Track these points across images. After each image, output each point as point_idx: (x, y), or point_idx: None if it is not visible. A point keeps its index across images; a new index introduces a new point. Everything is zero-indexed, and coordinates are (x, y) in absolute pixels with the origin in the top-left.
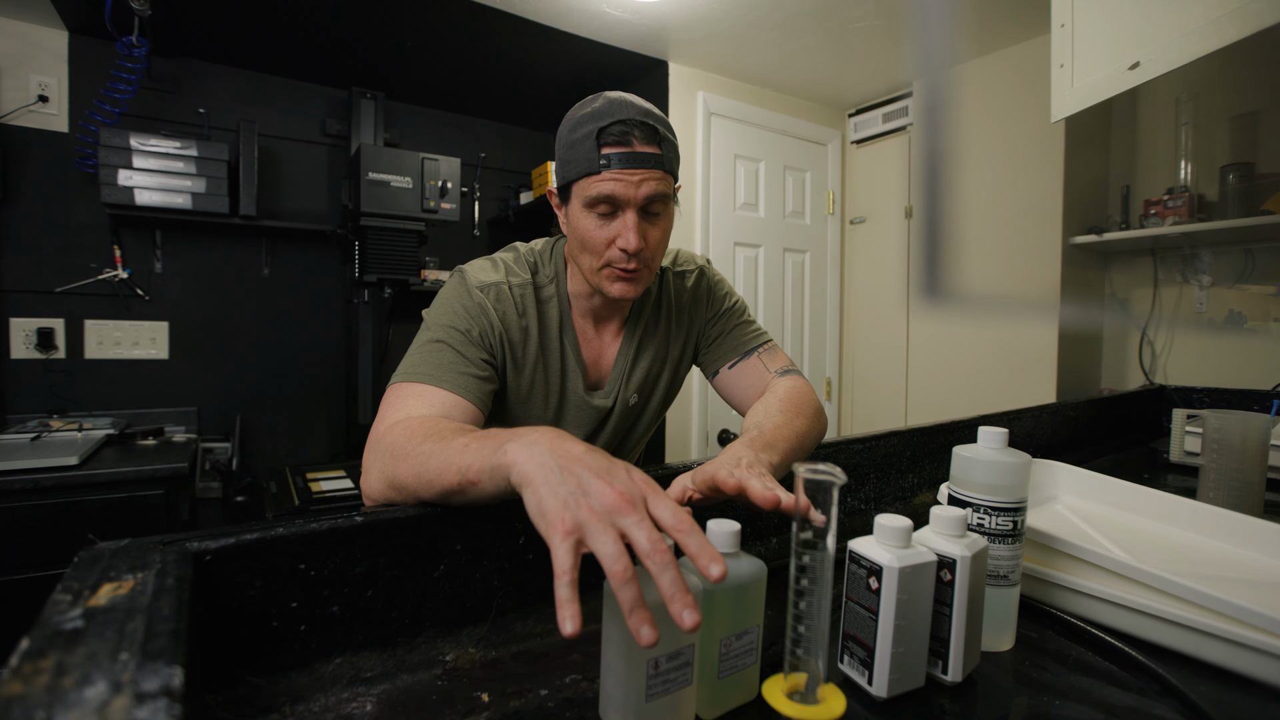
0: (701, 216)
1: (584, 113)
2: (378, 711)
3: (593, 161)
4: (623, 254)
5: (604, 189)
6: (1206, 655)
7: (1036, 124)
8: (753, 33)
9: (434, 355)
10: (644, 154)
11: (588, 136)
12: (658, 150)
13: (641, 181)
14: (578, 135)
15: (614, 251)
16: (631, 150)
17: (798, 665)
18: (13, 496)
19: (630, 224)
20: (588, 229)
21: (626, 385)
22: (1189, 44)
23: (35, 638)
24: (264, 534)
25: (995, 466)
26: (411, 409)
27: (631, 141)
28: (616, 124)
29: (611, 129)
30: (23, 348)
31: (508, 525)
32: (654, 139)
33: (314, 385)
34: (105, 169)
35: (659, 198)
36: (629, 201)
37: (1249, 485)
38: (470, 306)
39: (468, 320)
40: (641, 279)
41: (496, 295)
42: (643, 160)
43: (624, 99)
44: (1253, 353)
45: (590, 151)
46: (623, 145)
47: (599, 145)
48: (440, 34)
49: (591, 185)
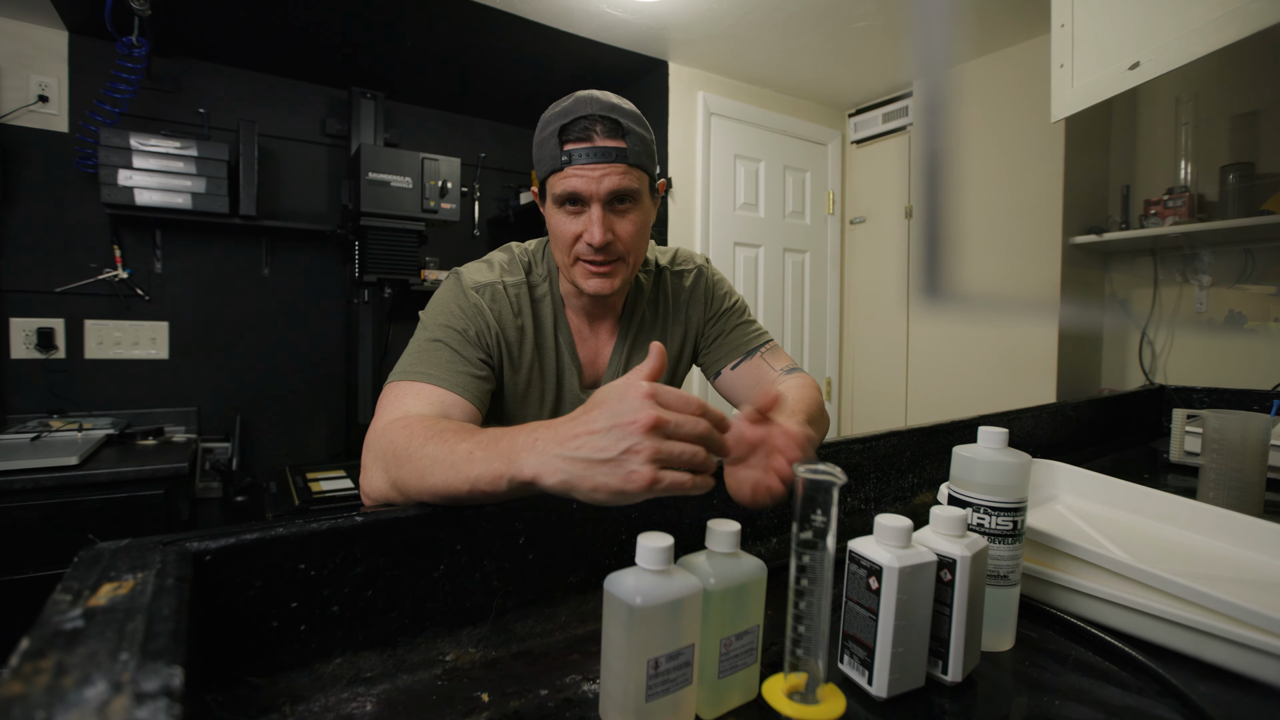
0: (701, 216)
1: (552, 112)
2: (378, 711)
3: (556, 159)
4: (589, 248)
5: (568, 185)
6: (1206, 655)
7: (1036, 124)
8: (753, 33)
9: (432, 354)
10: (606, 148)
11: (552, 135)
12: (621, 144)
13: (603, 176)
14: (544, 134)
15: (581, 246)
16: (592, 145)
17: (798, 665)
18: (13, 496)
19: (595, 218)
20: (558, 225)
21: None
22: (1189, 44)
23: (35, 638)
24: (264, 534)
25: (995, 466)
26: (410, 407)
27: (592, 137)
28: (578, 120)
29: (573, 125)
30: (23, 348)
31: (508, 525)
32: (617, 133)
33: (314, 385)
34: (105, 169)
35: (624, 192)
36: (592, 196)
37: (1249, 485)
38: (466, 307)
39: (464, 320)
40: (618, 273)
41: (492, 295)
42: (604, 154)
43: (590, 95)
44: (1253, 353)
45: (555, 149)
46: (583, 141)
47: (561, 142)
48: (440, 34)
49: (557, 182)
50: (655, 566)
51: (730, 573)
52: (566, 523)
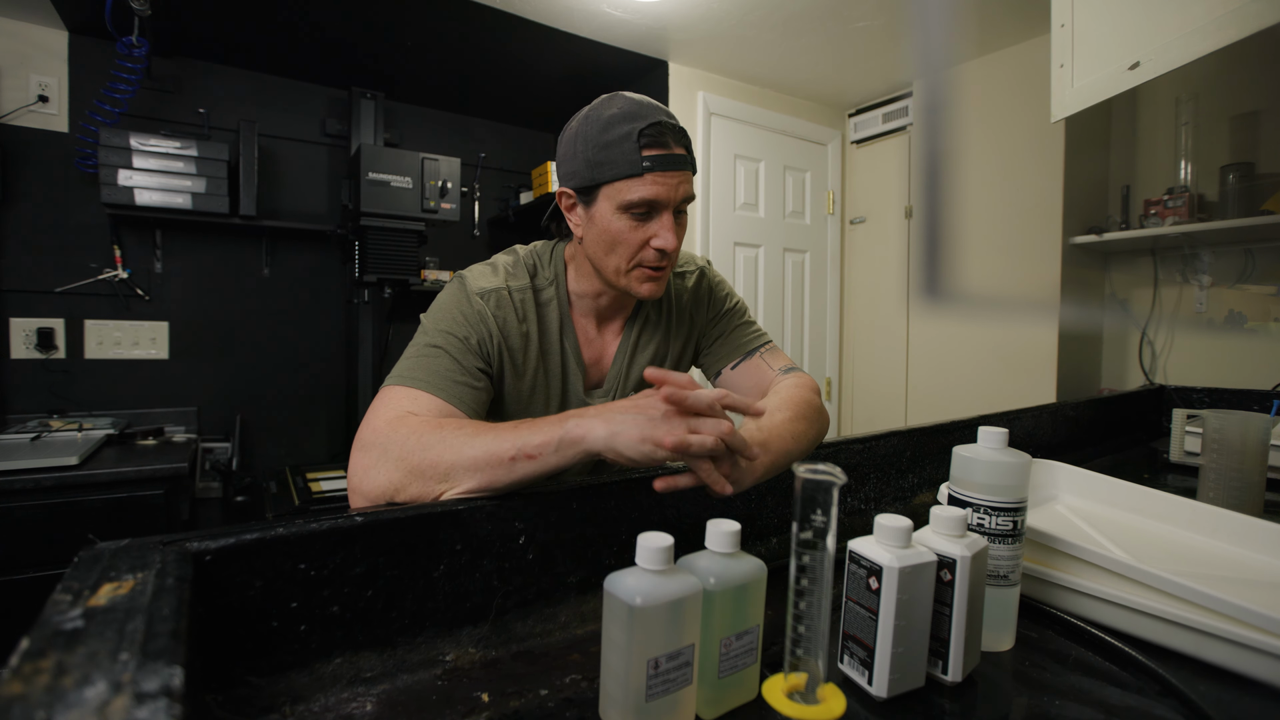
0: (701, 216)
1: (613, 113)
2: (378, 711)
3: (635, 164)
4: (658, 254)
5: (647, 192)
6: (1206, 655)
7: (1036, 124)
8: (753, 33)
9: (430, 361)
10: (680, 156)
11: (626, 138)
12: (686, 152)
13: (679, 184)
14: (612, 136)
15: (648, 252)
16: (669, 152)
17: (798, 665)
18: (13, 496)
19: (668, 225)
20: (620, 230)
21: (625, 383)
22: (1189, 44)
23: (35, 638)
24: (264, 534)
25: (995, 466)
26: (407, 410)
27: (668, 143)
28: (652, 125)
29: (648, 130)
30: (23, 348)
31: (508, 525)
32: (683, 140)
33: (314, 385)
34: (105, 169)
35: (689, 199)
36: (668, 203)
37: (1249, 485)
38: (470, 314)
39: (466, 327)
40: (665, 278)
41: (497, 302)
42: (680, 163)
43: (649, 101)
44: (1253, 353)
45: (631, 153)
46: (661, 148)
47: (639, 146)
48: (440, 34)
49: (633, 188)
50: (655, 566)
51: (730, 573)
52: (566, 522)
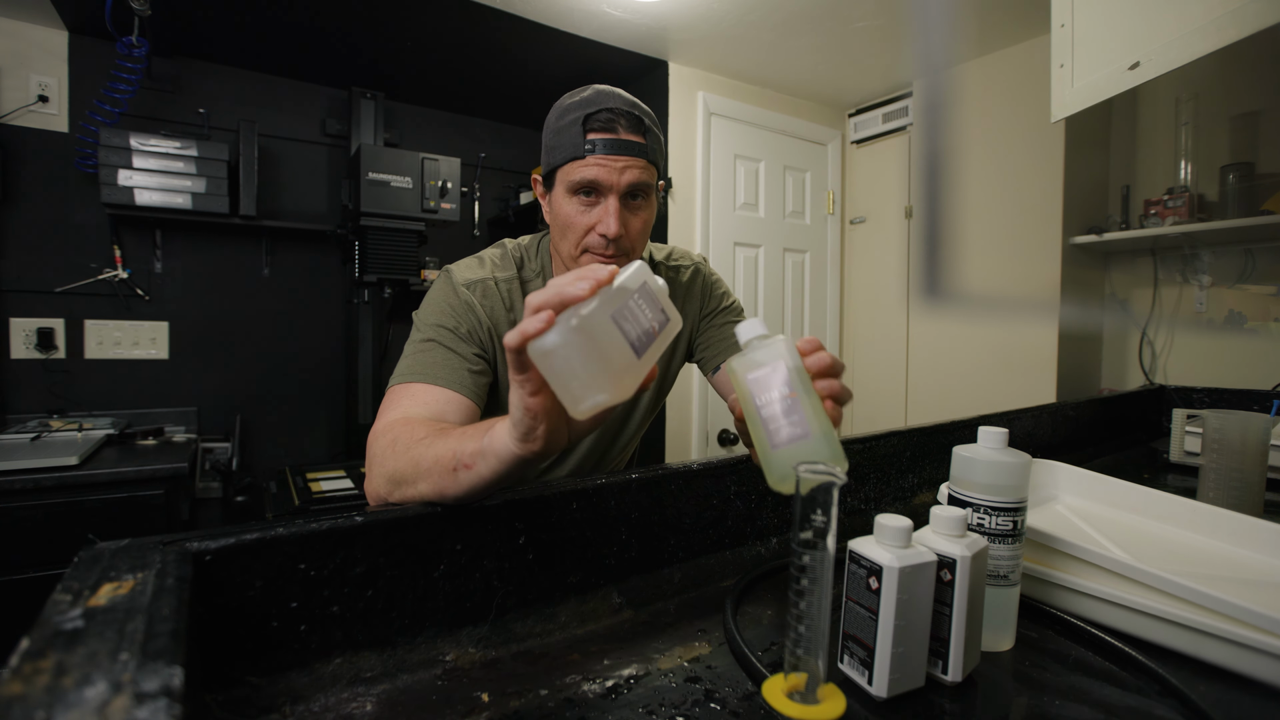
0: (701, 216)
1: (571, 101)
2: (378, 711)
3: (578, 146)
4: (601, 239)
5: (588, 174)
6: (1206, 655)
7: (1036, 124)
8: (752, 33)
9: (426, 354)
10: (628, 141)
11: (574, 123)
12: (641, 140)
13: (625, 168)
14: (564, 121)
15: (593, 237)
16: (616, 137)
17: (798, 665)
18: (13, 496)
19: (611, 210)
20: (569, 214)
21: None
22: (1189, 44)
23: (35, 638)
24: (264, 534)
25: (995, 466)
26: (407, 409)
27: (617, 129)
28: (603, 111)
29: (598, 115)
30: (23, 348)
31: (508, 525)
32: (639, 129)
33: (314, 385)
34: (105, 169)
35: (641, 187)
36: (611, 187)
37: (1249, 485)
38: (457, 305)
39: (455, 318)
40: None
41: (483, 292)
42: (627, 148)
43: (612, 90)
44: (1253, 353)
45: (576, 137)
46: (608, 132)
47: (585, 131)
48: (440, 34)
49: (575, 170)
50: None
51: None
52: (566, 522)
